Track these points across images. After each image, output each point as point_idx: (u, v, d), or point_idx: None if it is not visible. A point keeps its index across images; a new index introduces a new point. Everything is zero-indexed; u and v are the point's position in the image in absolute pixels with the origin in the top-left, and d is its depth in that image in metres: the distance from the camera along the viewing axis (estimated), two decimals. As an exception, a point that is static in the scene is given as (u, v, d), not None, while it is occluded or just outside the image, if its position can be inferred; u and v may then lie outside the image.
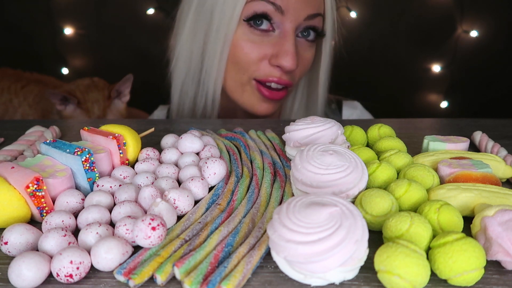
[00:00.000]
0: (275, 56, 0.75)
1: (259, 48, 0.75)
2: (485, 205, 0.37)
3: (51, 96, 1.07)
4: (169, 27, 0.87)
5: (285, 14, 0.73)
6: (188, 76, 0.83)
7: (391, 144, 0.52)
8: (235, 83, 0.80)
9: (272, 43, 0.75)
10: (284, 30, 0.75)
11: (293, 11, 0.73)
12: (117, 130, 0.51)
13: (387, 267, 0.30)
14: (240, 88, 0.80)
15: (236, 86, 0.80)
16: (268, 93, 0.78)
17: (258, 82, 0.78)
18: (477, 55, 1.55)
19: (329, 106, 0.95)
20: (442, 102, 1.65)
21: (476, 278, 0.31)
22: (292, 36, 0.75)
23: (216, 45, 0.76)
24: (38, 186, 0.39)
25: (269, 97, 0.79)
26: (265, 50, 0.75)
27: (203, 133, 0.60)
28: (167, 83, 0.88)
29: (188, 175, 0.47)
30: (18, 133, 0.62)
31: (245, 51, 0.76)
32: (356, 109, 0.96)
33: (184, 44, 0.82)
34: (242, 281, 0.32)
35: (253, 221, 0.39)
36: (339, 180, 0.39)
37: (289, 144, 0.52)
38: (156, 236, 0.34)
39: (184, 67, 0.83)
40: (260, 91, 0.79)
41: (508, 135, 0.63)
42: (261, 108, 0.81)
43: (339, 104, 0.97)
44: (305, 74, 0.84)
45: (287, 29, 0.74)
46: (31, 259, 0.32)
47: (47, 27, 1.58)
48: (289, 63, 0.74)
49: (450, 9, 1.53)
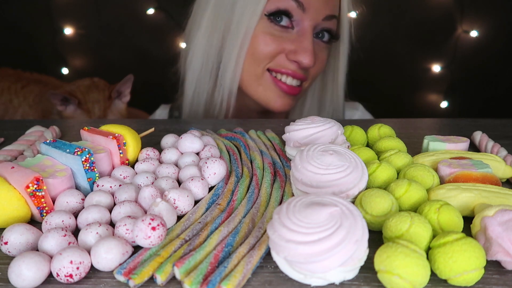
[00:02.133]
0: (294, 52, 0.76)
1: (278, 42, 0.77)
2: (485, 205, 0.37)
3: (51, 97, 1.07)
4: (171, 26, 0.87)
5: (306, 11, 0.75)
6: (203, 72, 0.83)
7: (391, 144, 0.52)
8: (250, 76, 0.80)
9: (291, 40, 0.77)
10: (303, 28, 0.76)
11: (313, 10, 0.75)
12: (117, 130, 0.51)
13: (387, 267, 0.30)
14: (255, 81, 0.80)
15: (251, 80, 0.81)
16: (285, 86, 0.79)
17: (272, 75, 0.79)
18: (477, 55, 1.55)
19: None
20: (442, 102, 1.65)
21: (476, 278, 0.31)
22: (310, 34, 0.77)
23: (236, 40, 0.77)
24: (38, 186, 0.39)
25: (287, 91, 0.80)
26: (283, 44, 0.77)
27: (203, 133, 0.60)
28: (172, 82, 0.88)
29: (188, 175, 0.47)
30: (18, 133, 0.62)
31: (264, 43, 0.77)
32: (357, 110, 0.97)
33: (201, 39, 0.82)
34: (242, 281, 0.32)
35: (253, 221, 0.39)
36: (339, 180, 0.39)
37: (289, 144, 0.52)
38: (156, 236, 0.34)
39: (199, 63, 0.83)
40: (277, 85, 0.80)
41: (508, 135, 0.63)
42: (277, 104, 0.81)
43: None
44: (319, 75, 0.85)
45: (306, 27, 0.76)
46: (31, 259, 0.32)
47: (47, 27, 1.57)
48: (307, 59, 0.75)
49: (450, 9, 1.52)
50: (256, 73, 0.80)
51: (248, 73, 0.80)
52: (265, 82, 0.80)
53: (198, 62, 0.83)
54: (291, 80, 0.79)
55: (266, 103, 0.81)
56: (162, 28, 1.50)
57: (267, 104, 0.81)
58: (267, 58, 0.78)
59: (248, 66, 0.80)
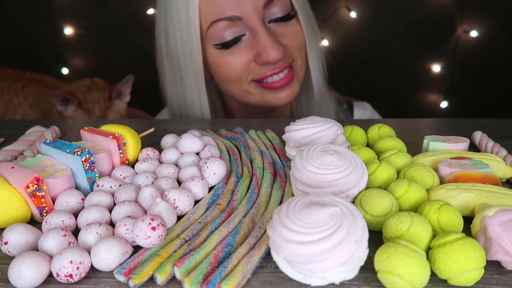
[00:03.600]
0: (258, 55, 0.74)
1: (240, 56, 0.75)
2: (485, 205, 0.37)
3: (51, 97, 1.07)
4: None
5: (243, 15, 0.72)
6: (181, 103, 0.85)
7: (391, 144, 0.52)
8: (240, 93, 0.80)
9: (249, 46, 0.75)
10: (251, 29, 0.74)
11: (248, 8, 0.72)
12: (117, 130, 0.51)
13: (387, 267, 0.30)
14: (247, 94, 0.80)
15: (242, 95, 0.80)
16: (277, 83, 0.77)
17: (258, 82, 0.78)
18: (477, 55, 1.55)
19: (341, 107, 0.95)
20: (442, 102, 1.65)
21: (476, 278, 0.31)
22: (262, 29, 0.73)
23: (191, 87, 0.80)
24: (38, 186, 0.39)
25: (280, 85, 0.78)
26: (246, 55, 0.75)
27: (203, 133, 0.60)
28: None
29: (188, 175, 0.47)
30: (18, 133, 0.62)
31: (230, 66, 0.76)
32: (366, 109, 0.96)
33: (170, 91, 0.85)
34: (242, 281, 0.32)
35: (253, 221, 0.39)
36: (339, 180, 0.39)
37: (289, 144, 0.52)
38: (156, 236, 0.34)
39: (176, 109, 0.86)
40: (269, 88, 0.78)
41: (508, 135, 0.63)
42: (278, 99, 0.79)
43: (350, 105, 0.96)
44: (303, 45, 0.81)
45: (254, 26, 0.73)
46: (31, 259, 0.32)
47: (47, 27, 1.57)
48: (272, 54, 0.72)
49: (450, 9, 1.52)
50: (243, 89, 0.79)
51: (236, 91, 0.80)
52: (256, 91, 0.79)
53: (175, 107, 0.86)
54: (278, 75, 0.77)
55: (269, 103, 0.80)
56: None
57: (271, 104, 0.80)
58: (241, 75, 0.77)
59: (232, 88, 0.79)
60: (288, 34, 0.77)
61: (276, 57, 0.73)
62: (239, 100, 0.82)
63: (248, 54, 0.75)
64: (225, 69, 0.77)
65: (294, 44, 0.78)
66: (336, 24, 1.57)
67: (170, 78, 0.84)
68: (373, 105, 0.98)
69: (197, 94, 0.81)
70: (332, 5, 1.55)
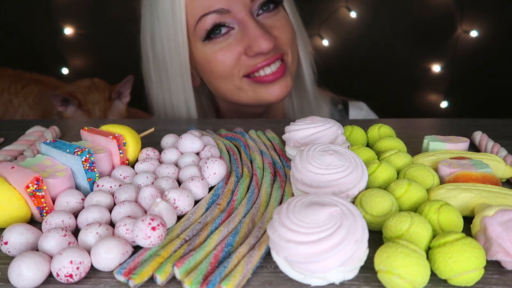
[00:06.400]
0: (249, 47, 0.73)
1: (229, 50, 0.75)
2: (485, 205, 0.37)
3: (52, 98, 1.07)
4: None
5: (230, 10, 0.72)
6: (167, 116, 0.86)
7: (391, 144, 0.52)
8: (232, 91, 0.79)
9: (239, 39, 0.74)
10: (240, 21, 0.73)
11: (236, 2, 0.72)
12: (117, 130, 0.51)
13: (387, 267, 0.30)
14: (239, 92, 0.79)
15: (234, 93, 0.79)
16: (269, 77, 0.76)
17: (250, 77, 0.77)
18: (477, 55, 1.55)
19: (336, 108, 0.94)
20: (442, 102, 1.65)
21: (476, 278, 0.31)
22: (251, 21, 0.73)
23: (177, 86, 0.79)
24: (38, 186, 0.39)
25: (273, 79, 0.76)
26: (235, 48, 0.74)
27: (203, 133, 0.60)
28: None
29: (188, 175, 0.47)
30: (18, 133, 0.62)
31: (219, 61, 0.75)
32: (362, 110, 0.95)
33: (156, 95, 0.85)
34: (242, 281, 0.32)
35: (253, 221, 0.39)
36: (339, 180, 0.39)
37: (289, 144, 0.52)
38: (156, 236, 0.34)
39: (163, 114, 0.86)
40: (261, 82, 0.77)
41: (508, 135, 0.63)
42: (271, 95, 0.78)
43: (345, 105, 0.96)
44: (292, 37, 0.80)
45: (243, 18, 0.73)
46: (31, 259, 0.32)
47: (47, 27, 1.57)
48: (263, 44, 0.72)
49: (450, 9, 1.53)
50: (235, 86, 0.78)
51: (227, 89, 0.79)
52: (249, 87, 0.78)
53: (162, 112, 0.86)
54: (270, 68, 0.76)
55: (263, 100, 0.79)
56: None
57: (264, 101, 0.79)
58: (232, 70, 0.76)
59: (223, 85, 0.79)
60: (277, 26, 0.77)
61: (268, 46, 0.72)
62: (232, 99, 0.81)
63: (238, 47, 0.74)
64: (215, 65, 0.76)
65: (284, 36, 0.77)
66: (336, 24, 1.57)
67: (156, 82, 0.83)
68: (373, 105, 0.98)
69: (182, 92, 0.80)
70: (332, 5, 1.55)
